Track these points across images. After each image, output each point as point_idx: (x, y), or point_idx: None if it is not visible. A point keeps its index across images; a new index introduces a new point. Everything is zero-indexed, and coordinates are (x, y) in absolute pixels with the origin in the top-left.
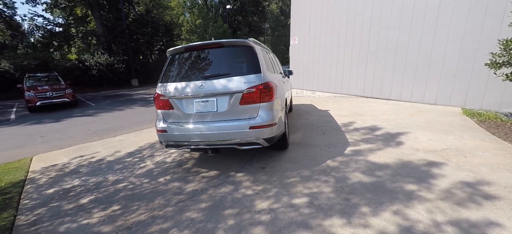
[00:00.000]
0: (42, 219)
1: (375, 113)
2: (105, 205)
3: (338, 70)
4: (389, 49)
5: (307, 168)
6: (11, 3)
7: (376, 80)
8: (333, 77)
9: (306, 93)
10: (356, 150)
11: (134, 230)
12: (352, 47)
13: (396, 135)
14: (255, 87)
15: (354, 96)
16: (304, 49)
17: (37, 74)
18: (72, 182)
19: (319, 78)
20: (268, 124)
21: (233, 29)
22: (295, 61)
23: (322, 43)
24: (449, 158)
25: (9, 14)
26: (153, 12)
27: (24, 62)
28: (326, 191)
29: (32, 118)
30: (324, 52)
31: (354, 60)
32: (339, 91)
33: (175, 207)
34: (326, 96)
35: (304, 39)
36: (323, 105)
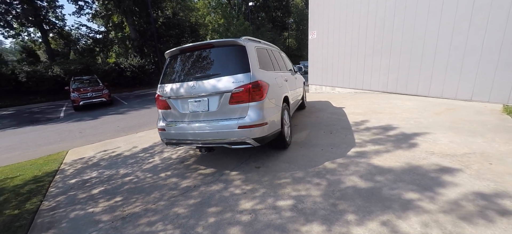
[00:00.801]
0: (59, 205)
1: (395, 111)
2: (110, 196)
3: (358, 64)
4: (416, 40)
5: (303, 169)
6: (61, 16)
7: (401, 75)
8: (353, 72)
9: (325, 90)
10: (360, 152)
11: (127, 220)
12: (374, 39)
13: (411, 135)
14: (243, 87)
15: (376, 92)
16: (323, 44)
17: (81, 78)
18: (91, 174)
19: (338, 74)
20: (257, 124)
21: (256, 26)
22: (313, 56)
23: (341, 37)
24: (469, 164)
25: (60, 25)
26: (179, 14)
27: (71, 67)
28: (315, 194)
29: (76, 116)
30: (344, 46)
31: (376, 53)
32: (360, 87)
33: (167, 201)
34: (346, 92)
35: (322, 33)
36: (340, 102)
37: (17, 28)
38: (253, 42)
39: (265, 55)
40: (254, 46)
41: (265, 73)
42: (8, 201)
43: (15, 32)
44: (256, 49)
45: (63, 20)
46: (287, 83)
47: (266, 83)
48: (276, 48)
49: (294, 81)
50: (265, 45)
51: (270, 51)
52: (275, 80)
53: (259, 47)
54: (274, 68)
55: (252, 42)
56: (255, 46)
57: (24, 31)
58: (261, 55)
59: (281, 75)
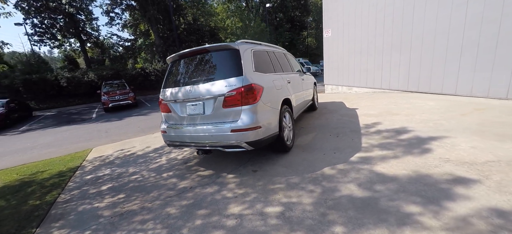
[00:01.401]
0: (73, 199)
1: (414, 112)
2: (115, 193)
3: (376, 62)
4: (440, 32)
5: (299, 174)
6: (96, 27)
7: (423, 72)
8: (371, 71)
9: (342, 90)
10: (365, 157)
11: (124, 216)
12: (392, 34)
13: (426, 140)
14: (235, 90)
15: (396, 91)
16: (338, 41)
17: (111, 82)
18: (104, 171)
19: (355, 73)
20: (250, 127)
21: (275, 27)
22: (329, 55)
23: (357, 33)
24: (489, 174)
25: (95, 35)
26: (200, 20)
27: (103, 73)
28: (306, 202)
29: (105, 117)
30: (360, 43)
31: (395, 48)
32: (378, 86)
33: (163, 201)
34: (363, 92)
35: (337, 29)
36: (354, 103)
37: (60, 40)
38: (249, 45)
39: (264, 58)
40: (250, 49)
41: (261, 76)
42: (34, 192)
43: (59, 43)
44: (253, 52)
45: (98, 31)
46: (290, 85)
47: (261, 86)
48: (280, 50)
49: (300, 83)
50: (266, 47)
51: (271, 53)
52: (272, 83)
53: (257, 49)
54: (274, 70)
55: (249, 45)
56: (252, 49)
57: (66, 42)
58: (258, 58)
59: (283, 77)
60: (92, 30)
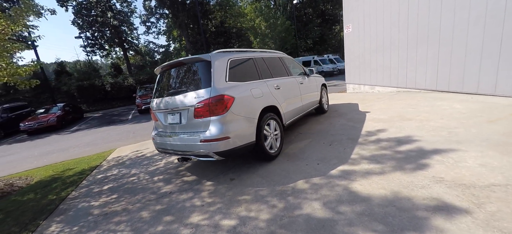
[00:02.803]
0: (79, 196)
1: (430, 117)
2: (111, 193)
3: (400, 58)
4: (473, 22)
5: (271, 186)
6: (136, 36)
7: (455, 68)
8: (394, 68)
9: (364, 89)
10: (347, 171)
11: (107, 217)
12: (418, 26)
13: (428, 153)
14: (203, 102)
15: (423, 90)
16: (359, 37)
17: (145, 86)
18: (113, 171)
19: (377, 70)
20: (218, 138)
21: (303, 23)
22: (349, 52)
23: (379, 27)
24: (485, 202)
25: (136, 44)
26: (228, 22)
27: (140, 77)
28: (262, 218)
29: (138, 118)
30: (382, 37)
31: (421, 42)
32: (402, 85)
33: (142, 204)
34: (387, 92)
35: (358, 24)
36: (369, 105)
37: (107, 49)
38: (226, 55)
39: (246, 66)
40: (227, 59)
41: (234, 85)
42: (56, 188)
43: (107, 52)
44: (230, 61)
45: (137, 39)
46: (280, 91)
47: (231, 96)
48: (275, 54)
49: (295, 87)
50: (252, 54)
51: (259, 60)
52: (250, 92)
53: (237, 58)
54: (261, 77)
55: (226, 55)
56: (230, 58)
57: (113, 51)
58: (237, 67)
59: (269, 84)
60: (132, 39)
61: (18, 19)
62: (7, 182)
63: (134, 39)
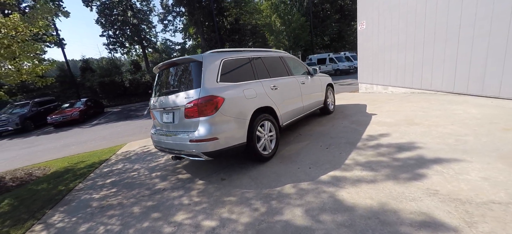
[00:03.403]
0: (84, 188)
1: (440, 122)
2: (111, 187)
3: (415, 57)
4: (497, 18)
5: (259, 188)
6: (155, 34)
7: (475, 68)
8: (409, 68)
9: (377, 90)
10: (338, 177)
11: (103, 209)
12: (435, 23)
13: (428, 162)
14: (193, 102)
15: (439, 92)
16: (373, 34)
17: None
18: (118, 166)
19: (391, 70)
20: (206, 139)
21: (321, 19)
22: (363, 50)
23: (394, 24)
24: (478, 221)
25: (154, 42)
26: (243, 19)
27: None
28: (242, 221)
29: None
30: (397, 35)
31: (439, 40)
32: (417, 86)
33: (136, 200)
34: (401, 92)
35: (372, 21)
36: (378, 106)
37: (128, 47)
38: (220, 55)
39: (241, 66)
40: (220, 60)
41: (225, 86)
42: (66, 179)
43: (127, 49)
44: (223, 62)
45: (156, 37)
46: (277, 92)
47: (221, 97)
48: (275, 54)
49: (296, 88)
50: (250, 54)
51: (256, 59)
52: (242, 92)
53: (232, 58)
54: (257, 77)
55: (219, 55)
56: (223, 59)
57: (132, 48)
58: (231, 67)
59: (265, 84)
60: (150, 37)
61: (35, 21)
62: (27, 172)
63: (153, 37)
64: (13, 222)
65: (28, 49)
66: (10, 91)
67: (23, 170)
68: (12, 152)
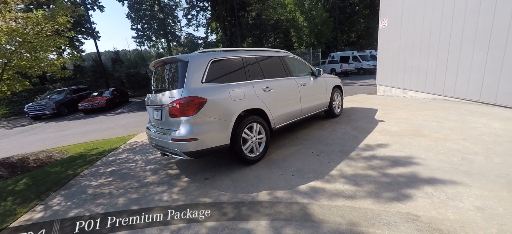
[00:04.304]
0: (87, 175)
1: (452, 136)
2: (109, 176)
3: (439, 60)
4: None
5: (235, 192)
6: (179, 28)
7: (506, 77)
8: (431, 71)
9: (395, 93)
10: (317, 188)
11: (95, 197)
12: (464, 24)
13: (421, 181)
14: (175, 102)
15: (463, 100)
16: (395, 33)
17: None
18: (123, 155)
19: (412, 73)
20: (186, 139)
21: (348, 15)
22: (383, 50)
23: (418, 22)
24: None
25: (179, 35)
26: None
27: None
28: (207, 225)
29: None
30: (421, 34)
31: (467, 43)
32: (439, 92)
33: (124, 191)
34: (421, 98)
35: (395, 18)
36: (390, 112)
37: (154, 41)
38: (208, 55)
39: (232, 66)
40: (208, 60)
41: (212, 87)
42: (77, 165)
43: (154, 43)
44: (212, 62)
45: (180, 31)
46: (271, 94)
47: (204, 98)
48: (273, 54)
49: (295, 89)
50: (244, 54)
51: (249, 60)
52: (228, 93)
53: (221, 58)
54: (248, 78)
55: (207, 56)
56: (212, 59)
57: (159, 42)
58: (220, 67)
59: (258, 85)
60: (175, 31)
61: (55, 18)
62: (48, 154)
63: (178, 31)
64: (22, 201)
65: (49, 44)
66: (51, 80)
67: (46, 152)
68: (45, 134)
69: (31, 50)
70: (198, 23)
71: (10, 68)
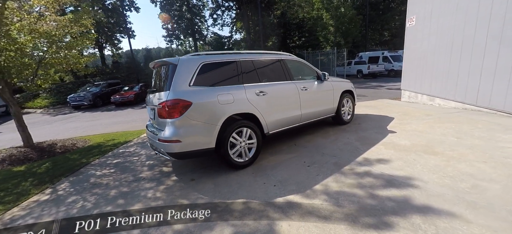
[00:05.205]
0: (96, 164)
1: (470, 156)
2: (112, 167)
3: (472, 64)
4: None
5: (213, 197)
6: (206, 27)
7: None
8: (463, 77)
9: (421, 100)
10: (293, 203)
11: (94, 186)
12: (504, 22)
13: (412, 209)
14: (162, 104)
15: (500, 113)
16: (423, 32)
17: None
18: (131, 148)
19: (441, 78)
20: (168, 140)
21: (381, 11)
22: (409, 51)
23: (449, 21)
24: None
25: (205, 35)
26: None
27: None
28: (176, 228)
29: None
30: (452, 35)
31: (506, 45)
32: (471, 101)
33: (119, 183)
34: (450, 107)
35: (424, 16)
36: (406, 122)
37: (182, 40)
38: (199, 59)
39: (224, 70)
40: (198, 63)
41: (200, 90)
42: (92, 154)
43: (182, 42)
44: (202, 65)
45: (207, 30)
46: (265, 98)
47: (189, 101)
48: (272, 57)
49: (294, 94)
50: (238, 56)
51: (244, 63)
52: (216, 97)
53: (213, 62)
54: (242, 82)
55: (197, 59)
56: (203, 62)
57: (186, 41)
58: (211, 70)
59: (251, 90)
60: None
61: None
62: (73, 142)
63: (204, 30)
64: (38, 182)
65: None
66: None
67: (72, 140)
68: (79, 122)
69: (59, 49)
70: (223, 22)
71: (43, 65)
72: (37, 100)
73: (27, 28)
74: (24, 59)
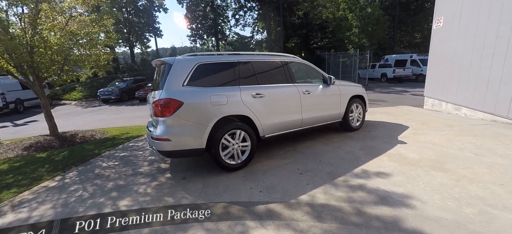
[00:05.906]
0: (106, 156)
1: (486, 177)
2: (117, 160)
3: (506, 69)
4: None
5: (197, 198)
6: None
7: None
8: (494, 84)
9: (446, 108)
10: (274, 213)
11: (96, 177)
12: None
13: (401, 232)
14: (155, 103)
15: None
16: (451, 34)
17: None
18: (139, 143)
19: (469, 84)
20: (160, 138)
21: (412, 12)
22: (435, 55)
23: (480, 21)
24: None
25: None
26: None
27: None
28: (153, 227)
29: None
30: (483, 36)
31: None
32: (503, 113)
33: (119, 176)
34: (478, 118)
35: (453, 17)
36: (420, 133)
37: (205, 39)
38: (195, 59)
39: (220, 71)
40: (194, 64)
41: (192, 90)
42: (105, 146)
43: (205, 41)
44: (198, 65)
45: (229, 30)
46: (262, 100)
47: (180, 101)
48: (274, 59)
49: (295, 97)
50: (237, 58)
51: (243, 64)
52: (209, 98)
53: (209, 62)
54: (239, 83)
55: (193, 60)
56: (199, 62)
57: (209, 41)
58: (206, 71)
59: (247, 92)
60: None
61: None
62: (92, 134)
63: (227, 30)
64: (52, 169)
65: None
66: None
67: (92, 131)
68: (105, 115)
69: (81, 47)
70: (245, 23)
71: (69, 61)
72: (73, 93)
73: (57, 28)
74: (53, 56)
